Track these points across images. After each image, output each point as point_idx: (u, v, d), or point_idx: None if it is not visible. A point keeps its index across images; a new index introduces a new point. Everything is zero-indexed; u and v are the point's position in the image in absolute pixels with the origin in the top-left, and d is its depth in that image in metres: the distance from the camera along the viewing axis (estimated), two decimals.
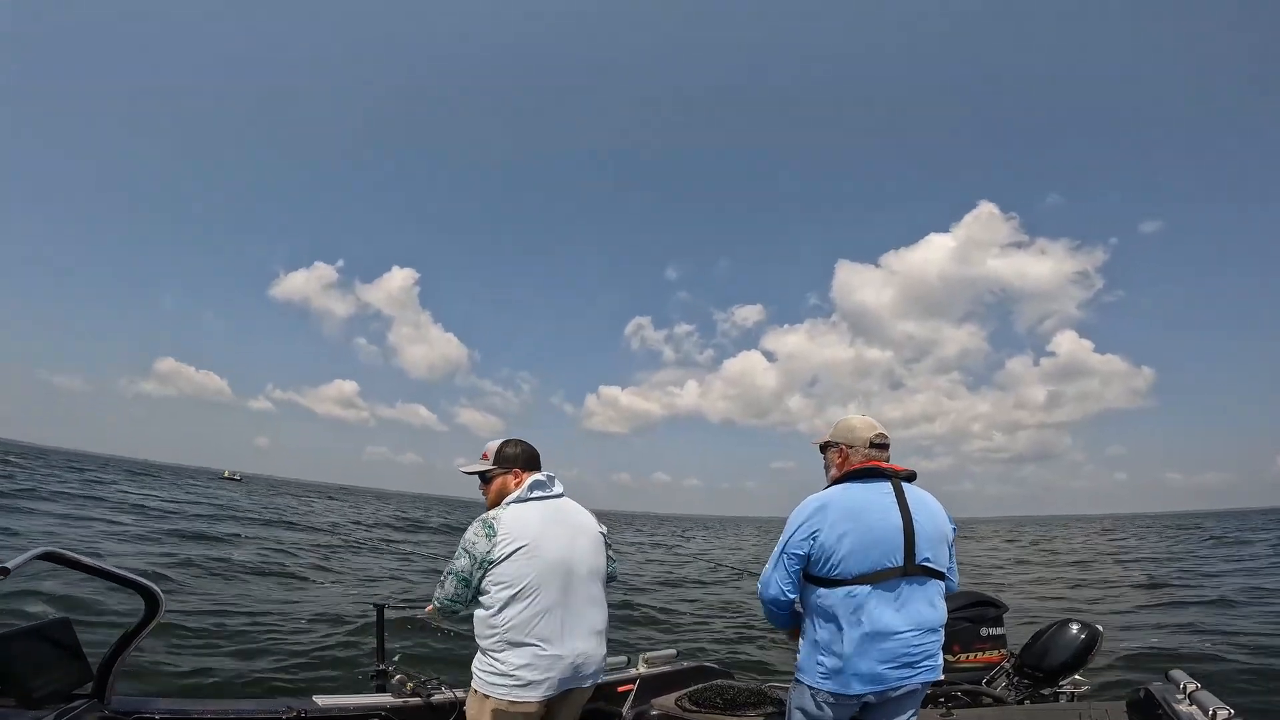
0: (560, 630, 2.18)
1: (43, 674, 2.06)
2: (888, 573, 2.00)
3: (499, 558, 2.17)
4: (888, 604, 1.99)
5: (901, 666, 1.99)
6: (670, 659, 3.98)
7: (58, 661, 2.14)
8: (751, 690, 3.43)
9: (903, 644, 1.98)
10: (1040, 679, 3.37)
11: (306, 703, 2.75)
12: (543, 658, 2.14)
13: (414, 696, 3.00)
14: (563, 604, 2.21)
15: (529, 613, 2.15)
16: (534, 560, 2.18)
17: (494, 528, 2.22)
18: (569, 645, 2.19)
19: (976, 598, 3.76)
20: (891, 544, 2.02)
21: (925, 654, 2.03)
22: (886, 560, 2.01)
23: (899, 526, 2.04)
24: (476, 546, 2.20)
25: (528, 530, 2.23)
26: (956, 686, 3.34)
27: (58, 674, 2.12)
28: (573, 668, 2.20)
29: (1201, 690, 2.17)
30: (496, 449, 2.50)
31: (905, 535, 2.03)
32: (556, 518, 2.33)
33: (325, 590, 9.94)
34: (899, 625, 1.98)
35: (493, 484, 2.47)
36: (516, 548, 2.18)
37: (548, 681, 2.15)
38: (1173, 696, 2.22)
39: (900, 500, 2.09)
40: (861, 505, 2.07)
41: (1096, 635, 3.40)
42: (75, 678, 2.20)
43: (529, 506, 2.32)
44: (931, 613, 2.06)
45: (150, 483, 37.81)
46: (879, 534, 2.02)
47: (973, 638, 3.59)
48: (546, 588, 2.18)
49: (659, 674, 3.75)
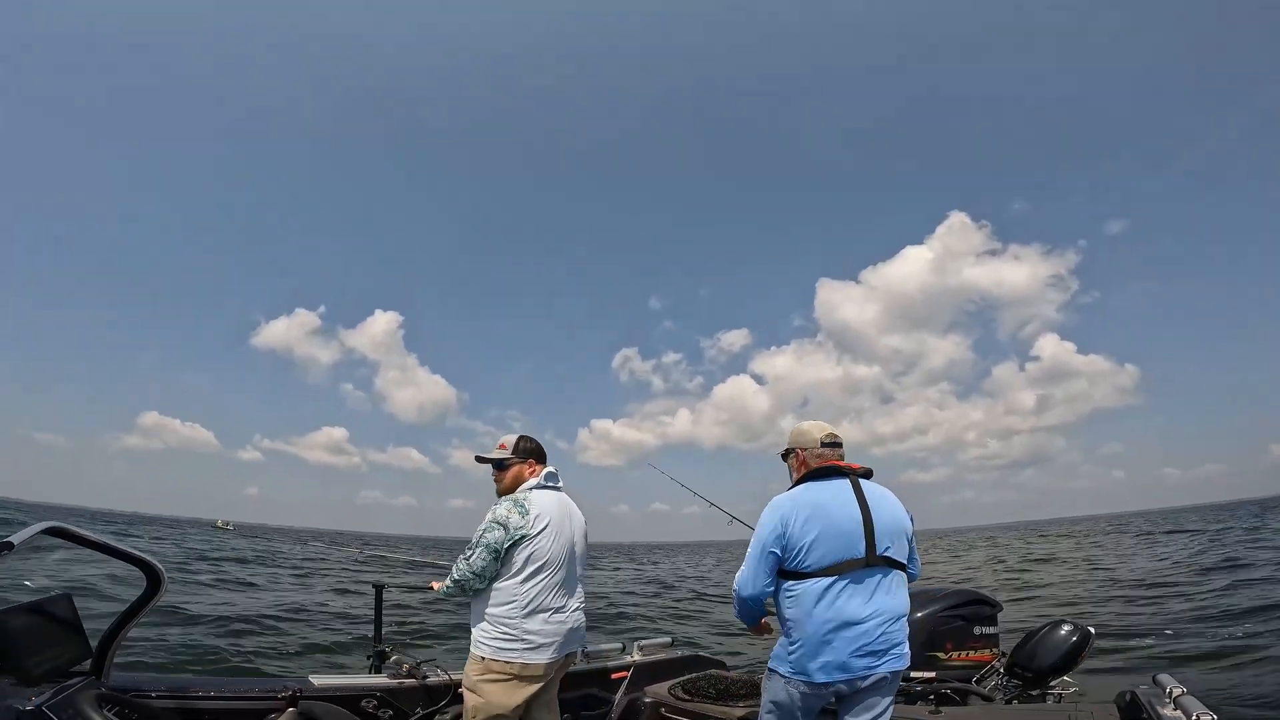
0: (565, 601, 2.61)
1: (42, 650, 2.06)
2: (851, 564, 2.12)
3: (533, 532, 2.53)
4: (852, 594, 2.10)
5: (867, 655, 2.07)
6: (664, 647, 4.02)
7: (57, 638, 2.15)
8: (743, 681, 3.47)
9: (867, 632, 2.07)
10: (1030, 679, 3.39)
11: (303, 682, 2.79)
12: (551, 623, 2.54)
13: (410, 678, 3.03)
14: (568, 578, 2.64)
15: (547, 583, 2.54)
16: (556, 538, 2.59)
17: (525, 506, 2.58)
18: (567, 614, 2.61)
19: (971, 596, 3.79)
20: (852, 537, 2.14)
21: (890, 642, 2.11)
22: (849, 552, 2.13)
23: (858, 520, 2.17)
24: (510, 520, 2.53)
25: (551, 511, 2.63)
26: (946, 684, 3.37)
27: (57, 651, 2.13)
28: (571, 632, 2.62)
29: (1187, 695, 2.18)
30: (515, 441, 2.83)
31: (865, 528, 2.16)
32: (564, 507, 2.74)
33: (326, 571, 10.01)
34: (863, 614, 2.08)
35: (509, 471, 2.79)
36: (546, 524, 2.57)
37: (554, 644, 2.54)
38: (1159, 700, 2.23)
39: (859, 495, 2.23)
40: (823, 501, 2.21)
41: (1088, 637, 3.42)
42: (74, 655, 2.20)
43: (547, 493, 2.72)
44: (894, 602, 2.15)
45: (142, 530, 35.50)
46: (840, 527, 2.15)
47: (965, 636, 3.62)
48: (561, 563, 2.59)
49: (653, 661, 3.79)
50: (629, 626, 8.88)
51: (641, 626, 9.00)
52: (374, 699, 2.90)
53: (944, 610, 3.63)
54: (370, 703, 2.88)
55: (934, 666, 3.49)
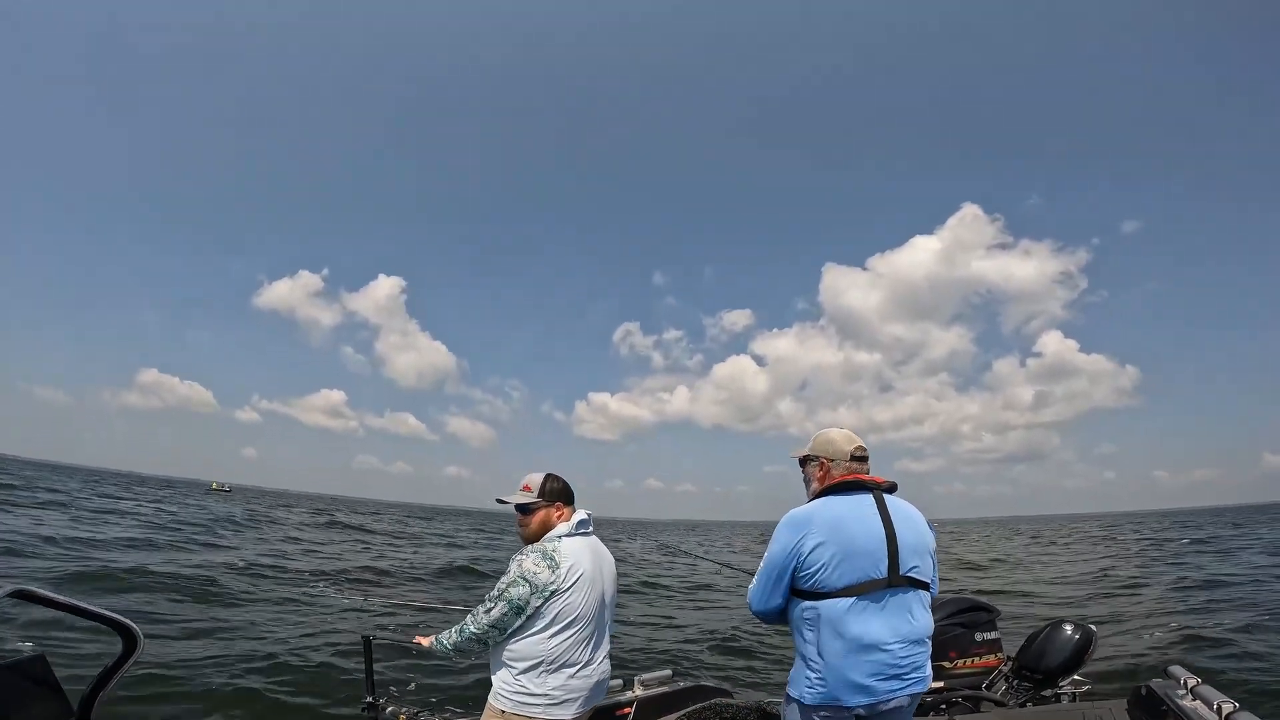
0: (593, 654, 2.40)
1: (21, 712, 1.97)
2: (872, 584, 2.00)
3: (565, 588, 2.30)
4: (874, 615, 1.98)
5: (890, 679, 1.97)
6: (666, 679, 3.92)
7: (36, 699, 2.05)
8: (750, 708, 3.39)
9: (890, 656, 1.97)
10: (1040, 681, 3.37)
11: None
12: (577, 678, 2.33)
13: None
14: (598, 630, 2.43)
15: (576, 639, 2.33)
16: (589, 592, 2.37)
17: (555, 559, 2.33)
18: (594, 668, 2.40)
19: (967, 603, 3.77)
20: (875, 556, 2.02)
21: (913, 665, 2.01)
22: (871, 572, 2.01)
23: (882, 538, 2.04)
24: (539, 576, 2.28)
25: (584, 563, 2.39)
26: (956, 693, 3.33)
27: (36, 712, 2.03)
28: (598, 686, 2.42)
29: (1203, 685, 2.17)
30: (540, 483, 2.55)
31: (889, 547, 2.04)
32: (597, 555, 2.50)
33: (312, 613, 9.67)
34: (886, 637, 1.97)
35: (535, 515, 2.51)
36: (579, 577, 2.34)
37: (580, 699, 2.33)
38: (1175, 692, 2.22)
39: (883, 512, 2.10)
40: (844, 518, 2.07)
41: (1091, 635, 3.42)
42: (55, 715, 2.11)
43: (577, 540, 2.46)
44: (917, 624, 2.05)
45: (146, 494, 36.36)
46: (862, 546, 2.02)
47: (968, 643, 3.59)
48: (591, 617, 2.38)
49: (656, 695, 3.69)
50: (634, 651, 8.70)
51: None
52: None
53: (942, 619, 3.60)
54: None
55: (941, 676, 3.45)
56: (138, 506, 28.12)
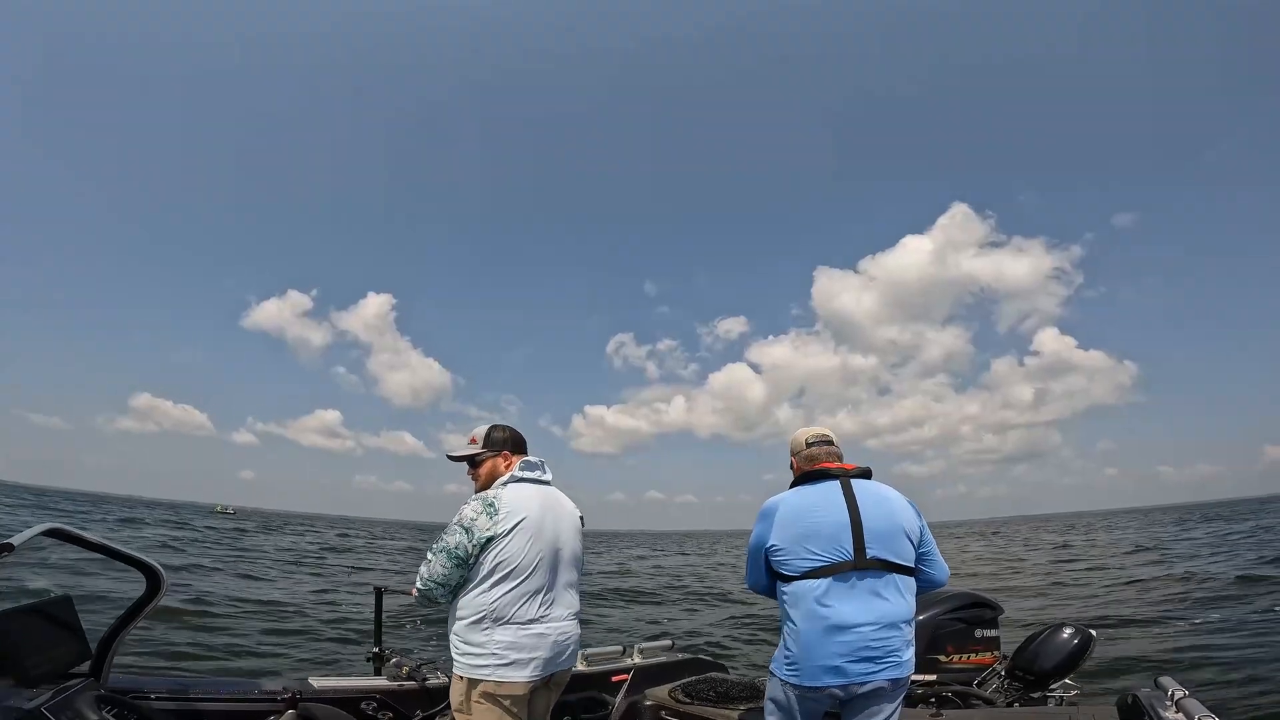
0: (546, 612, 2.25)
1: (41, 652, 2.07)
2: (838, 566, 2.08)
3: (501, 533, 2.19)
4: (843, 598, 2.05)
5: (861, 661, 2.01)
6: (665, 649, 4.01)
7: (57, 640, 2.16)
8: (744, 684, 3.46)
9: (861, 638, 2.01)
10: (1031, 682, 3.38)
11: (303, 684, 2.78)
12: (529, 636, 2.18)
13: (409, 680, 3.03)
14: (550, 585, 2.28)
15: (519, 591, 2.19)
16: (533, 540, 2.23)
17: (495, 505, 2.23)
18: (552, 626, 2.26)
19: (972, 598, 3.77)
20: (838, 539, 2.10)
21: (887, 649, 2.03)
22: (836, 555, 2.09)
23: (845, 522, 2.13)
24: (477, 523, 2.20)
25: (529, 508, 2.27)
26: (947, 687, 3.36)
27: (56, 652, 2.14)
28: (556, 646, 2.26)
29: (1189, 698, 2.18)
30: (485, 432, 2.51)
31: (854, 530, 2.11)
32: (548, 501, 2.38)
33: (326, 571, 9.99)
34: (856, 619, 2.03)
35: (482, 467, 2.46)
36: (517, 523, 2.21)
37: (534, 661, 2.18)
38: (1160, 703, 2.23)
39: (848, 496, 2.19)
40: (807, 504, 2.20)
41: (1089, 639, 3.41)
42: (73, 656, 2.21)
43: (525, 487, 2.35)
44: (889, 607, 2.07)
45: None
46: (822, 530, 2.12)
47: (966, 639, 3.60)
48: (539, 568, 2.24)
49: (653, 664, 3.78)
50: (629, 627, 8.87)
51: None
52: (374, 701, 2.89)
53: (945, 613, 3.61)
54: (370, 705, 2.88)
55: (935, 669, 3.48)
56: (201, 534, 26.34)
